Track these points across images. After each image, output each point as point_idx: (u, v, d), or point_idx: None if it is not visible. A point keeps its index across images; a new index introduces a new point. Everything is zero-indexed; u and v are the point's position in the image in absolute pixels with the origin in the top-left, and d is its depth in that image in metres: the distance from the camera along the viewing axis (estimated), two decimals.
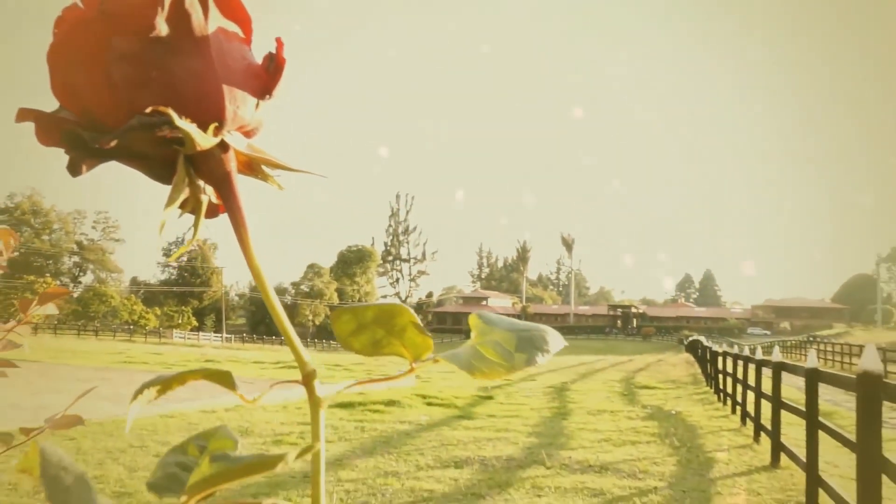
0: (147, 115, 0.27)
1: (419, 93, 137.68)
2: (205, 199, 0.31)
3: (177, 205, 0.29)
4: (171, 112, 0.27)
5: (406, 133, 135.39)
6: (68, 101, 0.29)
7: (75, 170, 0.29)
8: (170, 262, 61.13)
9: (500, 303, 74.51)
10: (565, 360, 25.02)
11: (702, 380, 15.98)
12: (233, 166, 0.30)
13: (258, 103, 0.31)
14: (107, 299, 52.12)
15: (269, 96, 0.31)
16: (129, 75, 0.28)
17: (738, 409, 8.68)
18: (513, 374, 0.31)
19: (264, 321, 56.30)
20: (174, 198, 0.29)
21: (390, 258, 76.44)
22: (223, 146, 0.30)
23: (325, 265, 66.59)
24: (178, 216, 0.30)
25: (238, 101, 0.30)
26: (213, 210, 0.32)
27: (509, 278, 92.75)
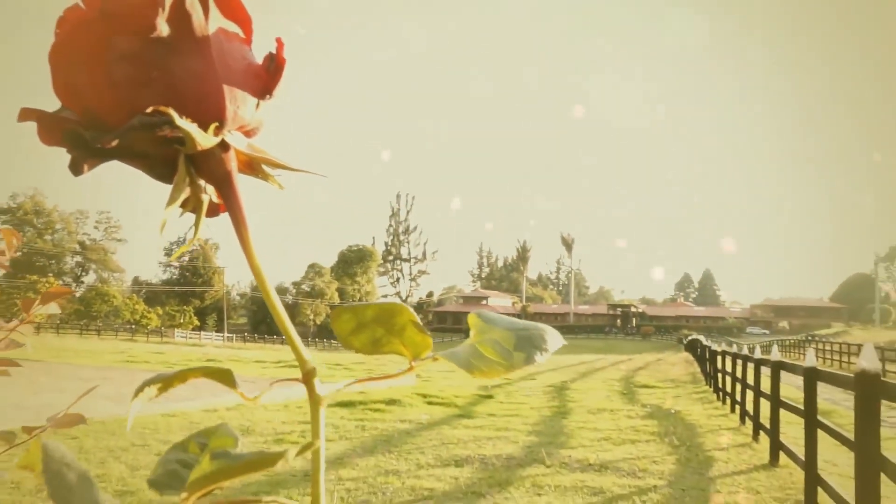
0: (148, 114, 0.27)
1: (419, 93, 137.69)
2: (205, 199, 0.31)
3: (178, 204, 0.29)
4: (171, 112, 0.27)
5: (406, 133, 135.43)
6: (70, 101, 0.29)
7: (77, 169, 0.29)
8: (171, 262, 61.16)
9: (500, 302, 74.49)
10: (565, 360, 25.03)
11: (701, 379, 15.98)
12: (233, 166, 0.31)
13: (258, 103, 0.31)
14: (109, 299, 52.17)
15: (269, 96, 0.31)
16: (130, 75, 0.28)
17: (737, 407, 8.68)
18: (511, 373, 0.31)
19: (265, 321, 56.31)
20: (175, 197, 0.29)
21: (391, 258, 76.44)
22: (224, 146, 0.30)
23: (325, 265, 66.65)
24: (179, 215, 0.30)
25: (238, 100, 0.30)
26: (214, 209, 0.32)
27: (509, 278, 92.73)
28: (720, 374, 10.90)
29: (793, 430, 6.21)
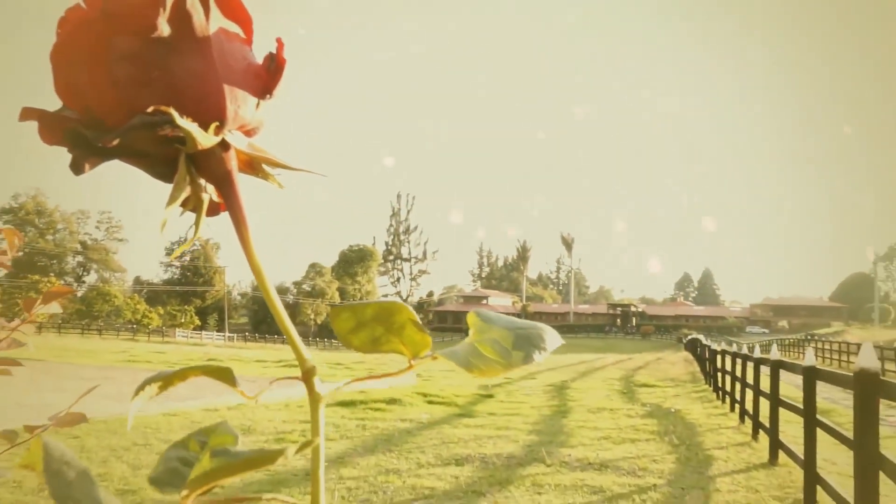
0: (149, 114, 0.28)
1: (419, 93, 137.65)
2: (206, 198, 0.31)
3: (178, 203, 0.30)
4: (172, 111, 0.27)
5: (406, 133, 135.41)
6: (71, 101, 0.29)
7: (78, 168, 0.29)
8: (172, 259, 61.19)
9: (500, 302, 74.50)
10: (565, 359, 25.03)
11: (700, 378, 15.98)
12: (234, 165, 0.31)
13: (259, 103, 0.31)
14: (110, 299, 52.23)
15: (269, 96, 0.31)
16: (131, 75, 0.28)
17: (736, 406, 8.68)
18: (510, 371, 0.31)
19: (266, 320, 56.34)
20: (176, 196, 0.29)
21: (391, 257, 76.46)
22: (224, 145, 0.30)
23: (326, 264, 66.67)
24: (179, 214, 0.31)
25: (239, 100, 0.30)
26: (215, 208, 0.32)
27: (509, 277, 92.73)
28: (720, 374, 10.90)
29: (792, 429, 6.22)
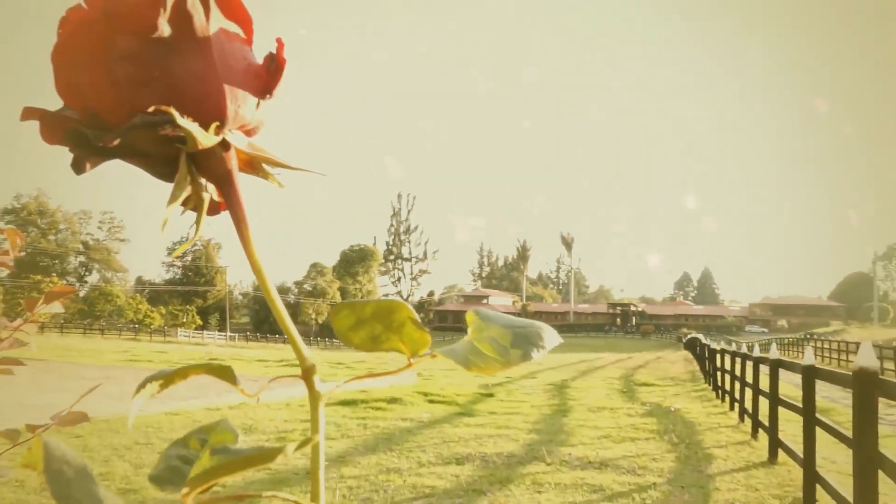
0: (149, 113, 0.28)
1: (420, 93, 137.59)
2: (206, 197, 0.31)
3: (179, 202, 0.30)
4: (173, 111, 0.28)
5: (407, 133, 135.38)
6: (72, 100, 0.29)
7: (79, 167, 0.29)
8: (173, 258, 61.06)
9: (500, 301, 74.49)
10: (565, 358, 25.03)
11: (700, 377, 15.98)
12: (234, 164, 0.31)
13: (259, 102, 0.31)
14: (112, 298, 52.28)
15: (269, 96, 0.32)
16: (131, 75, 0.28)
17: (736, 405, 8.69)
18: (508, 369, 0.31)
19: (268, 320, 56.36)
20: (176, 195, 0.29)
21: (392, 257, 76.45)
22: (224, 145, 0.30)
23: (327, 264, 66.65)
24: (180, 213, 0.31)
25: (239, 100, 0.30)
26: (215, 207, 0.32)
27: (510, 277, 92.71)
28: (719, 373, 10.90)
29: (791, 428, 6.22)
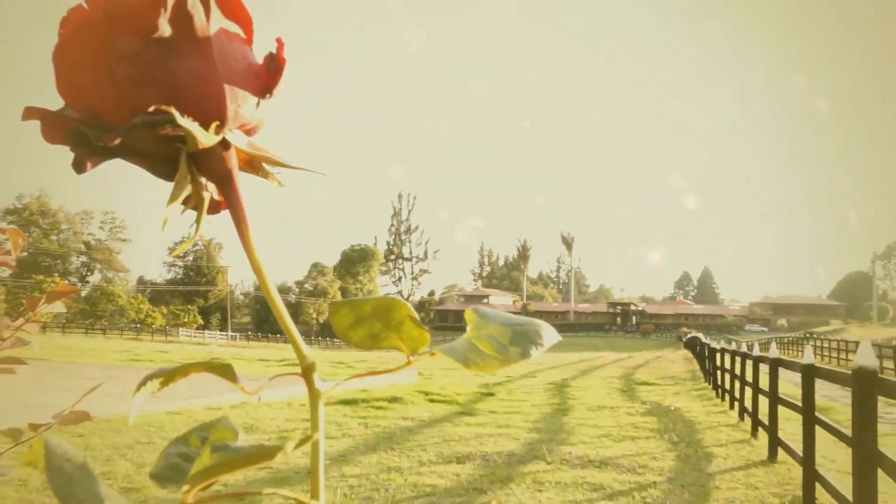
0: (150, 113, 0.28)
1: (420, 93, 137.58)
2: (207, 196, 0.31)
3: (179, 201, 0.30)
4: (173, 111, 0.28)
5: (408, 133, 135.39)
6: (73, 100, 0.29)
7: (80, 167, 0.29)
8: (174, 256, 61.03)
9: (501, 301, 74.49)
10: (566, 357, 25.03)
11: (700, 376, 15.98)
12: (234, 164, 0.31)
13: (259, 102, 0.32)
14: (114, 298, 52.30)
15: (269, 95, 0.32)
16: (132, 75, 0.28)
17: (735, 404, 8.69)
18: (507, 367, 0.31)
19: (269, 320, 56.40)
20: (177, 194, 0.30)
21: (393, 257, 76.46)
22: (224, 144, 0.31)
23: (328, 264, 66.66)
24: (181, 213, 0.31)
25: (239, 100, 0.30)
26: (215, 206, 0.32)
27: (510, 277, 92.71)
28: (719, 372, 10.90)
29: (791, 427, 6.22)
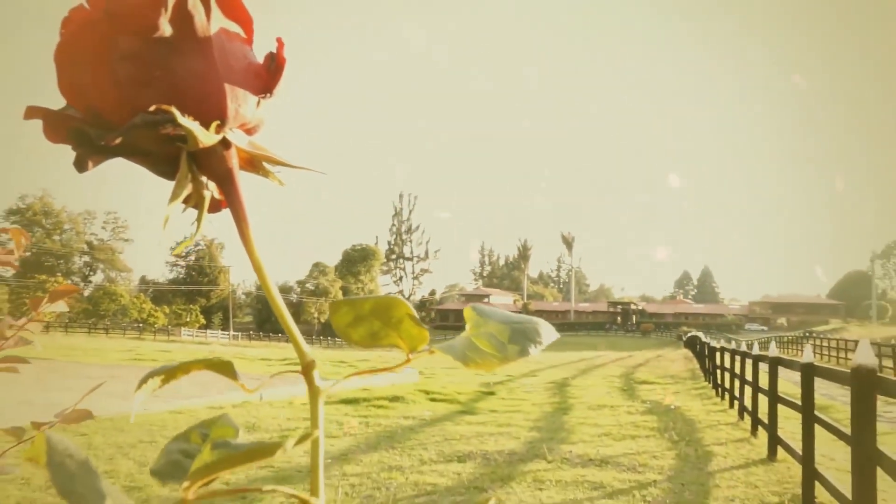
0: (151, 113, 0.28)
1: (420, 93, 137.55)
2: (207, 195, 0.32)
3: (180, 200, 0.30)
4: (174, 110, 0.28)
5: (408, 133, 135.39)
6: (74, 100, 0.29)
7: (82, 166, 0.30)
8: (175, 255, 60.99)
9: (501, 300, 74.46)
10: (566, 357, 25.04)
11: (700, 375, 15.98)
12: (234, 163, 0.31)
13: (259, 101, 0.32)
14: (117, 298, 52.33)
15: (269, 95, 0.32)
16: (133, 74, 0.28)
17: (735, 403, 8.69)
18: (506, 365, 0.32)
19: (270, 319, 56.43)
20: (177, 193, 0.30)
21: (394, 257, 76.50)
22: (225, 143, 0.31)
23: (330, 264, 66.69)
24: (181, 211, 0.31)
25: (240, 99, 0.31)
26: (216, 205, 0.32)
27: (511, 276, 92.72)
28: (719, 371, 10.90)
29: (790, 426, 6.23)
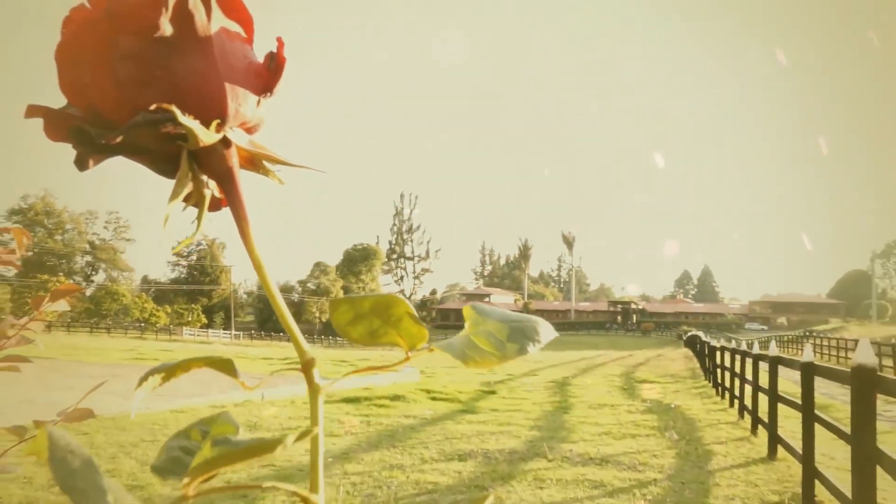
0: (151, 111, 0.28)
1: (420, 92, 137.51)
2: (208, 194, 0.32)
3: (180, 198, 0.30)
4: (174, 109, 0.28)
5: (409, 133, 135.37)
6: (75, 99, 0.29)
7: (82, 164, 0.30)
8: (175, 254, 61.01)
9: (502, 300, 74.49)
10: (567, 356, 25.05)
11: (700, 374, 15.98)
12: (235, 161, 0.31)
13: (259, 100, 0.32)
14: (118, 297, 52.38)
15: (269, 94, 0.32)
16: (133, 74, 0.29)
17: (735, 402, 8.69)
18: (505, 363, 0.32)
19: (272, 318, 56.48)
20: (178, 192, 0.30)
21: (395, 256, 76.52)
22: (225, 142, 0.31)
23: (331, 263, 66.73)
24: (182, 210, 0.31)
25: (240, 98, 0.31)
26: (216, 204, 0.33)
27: (511, 276, 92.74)
28: (719, 370, 10.90)
29: (790, 425, 6.23)
